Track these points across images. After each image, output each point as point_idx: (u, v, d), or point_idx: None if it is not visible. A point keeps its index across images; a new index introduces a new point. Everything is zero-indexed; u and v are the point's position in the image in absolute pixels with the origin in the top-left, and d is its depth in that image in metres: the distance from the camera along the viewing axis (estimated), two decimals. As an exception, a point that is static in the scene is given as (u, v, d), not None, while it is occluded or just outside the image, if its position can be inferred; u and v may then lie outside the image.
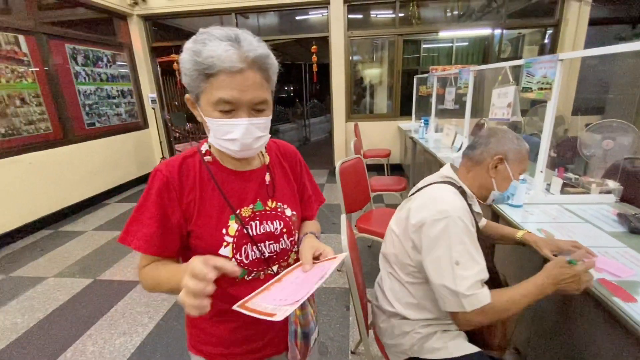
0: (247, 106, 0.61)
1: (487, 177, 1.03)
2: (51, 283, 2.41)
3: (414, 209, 0.96)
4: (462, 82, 2.66)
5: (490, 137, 1.02)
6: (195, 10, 4.77)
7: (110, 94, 4.55)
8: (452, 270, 0.84)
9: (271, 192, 0.77)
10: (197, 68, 0.59)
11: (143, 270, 0.68)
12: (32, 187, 3.31)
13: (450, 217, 0.86)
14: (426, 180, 1.11)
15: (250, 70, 0.59)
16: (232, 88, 0.59)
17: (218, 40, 0.58)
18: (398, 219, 1.06)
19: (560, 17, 4.32)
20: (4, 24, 3.15)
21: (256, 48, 0.60)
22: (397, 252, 1.02)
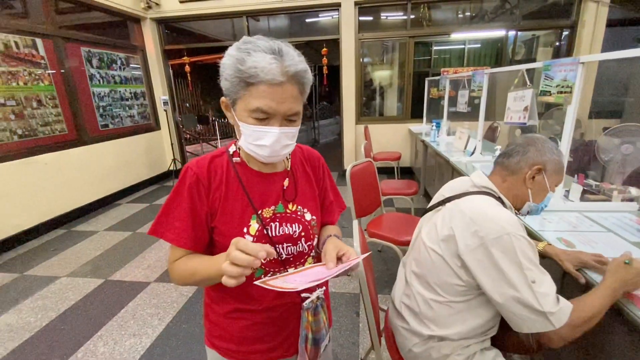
0: (281, 116, 0.64)
1: (523, 188, 0.98)
2: (64, 282, 2.44)
3: (460, 226, 0.88)
4: (476, 84, 2.61)
5: (528, 146, 0.97)
6: (207, 13, 4.82)
7: (124, 96, 4.62)
8: (531, 290, 0.77)
9: (292, 195, 0.79)
10: (238, 75, 0.61)
11: (175, 264, 0.71)
12: (47, 187, 3.38)
13: (511, 234, 0.80)
14: (454, 189, 1.04)
15: (289, 84, 0.62)
16: (271, 99, 0.62)
17: (262, 52, 0.61)
18: (432, 234, 0.98)
19: (576, 19, 4.22)
20: (23, 28, 3.23)
21: (297, 63, 0.63)
22: (439, 272, 0.94)
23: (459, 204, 0.95)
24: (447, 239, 0.91)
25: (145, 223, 3.54)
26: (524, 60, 5.38)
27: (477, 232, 0.84)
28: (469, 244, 0.85)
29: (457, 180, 1.11)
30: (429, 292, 0.98)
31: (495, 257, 0.81)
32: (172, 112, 5.36)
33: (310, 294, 0.78)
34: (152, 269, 2.58)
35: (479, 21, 4.96)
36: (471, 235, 0.85)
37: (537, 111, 1.87)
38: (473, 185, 1.01)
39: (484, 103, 2.54)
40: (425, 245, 0.99)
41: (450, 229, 0.91)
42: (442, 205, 1.02)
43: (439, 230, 0.95)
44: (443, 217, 0.96)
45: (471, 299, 0.92)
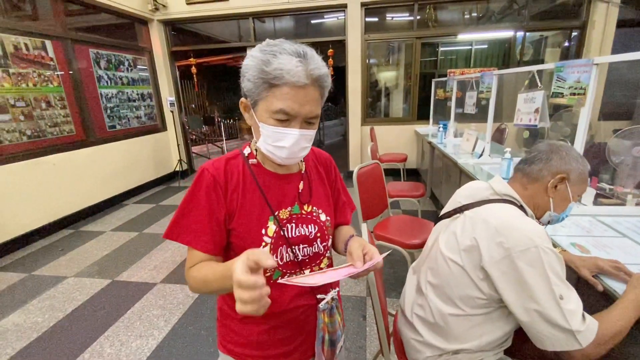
0: (301, 118, 0.65)
1: (544, 197, 0.94)
2: (71, 283, 2.46)
3: (484, 237, 0.84)
4: (485, 86, 2.58)
5: (552, 153, 0.93)
6: (213, 15, 4.84)
7: (131, 97, 4.65)
8: (559, 307, 0.74)
9: (307, 197, 0.79)
10: (262, 76, 0.62)
11: (190, 271, 0.69)
12: (55, 188, 3.41)
13: (539, 247, 0.76)
14: (472, 195, 1.01)
15: (312, 87, 0.64)
16: (294, 101, 0.63)
17: (288, 54, 0.62)
18: (452, 244, 0.94)
19: (586, 19, 4.17)
20: (33, 30, 3.27)
21: (321, 67, 0.64)
22: (459, 283, 0.90)
23: (480, 213, 0.91)
24: (469, 249, 0.88)
25: (152, 223, 3.55)
26: (531, 61, 5.33)
27: (503, 244, 0.80)
28: (494, 255, 0.81)
29: (473, 186, 1.07)
30: (447, 305, 0.95)
31: (521, 270, 0.77)
32: (178, 113, 5.39)
33: (325, 295, 0.77)
34: (158, 270, 2.59)
35: (486, 22, 4.92)
36: (496, 246, 0.81)
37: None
38: (494, 193, 0.97)
39: (493, 105, 2.50)
40: (444, 255, 0.95)
41: (472, 239, 0.87)
42: (459, 213, 0.99)
43: (459, 239, 0.91)
44: (463, 226, 0.93)
45: (491, 312, 0.88)
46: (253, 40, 5.02)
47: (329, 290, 0.79)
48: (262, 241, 0.71)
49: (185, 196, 0.71)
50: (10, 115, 3.03)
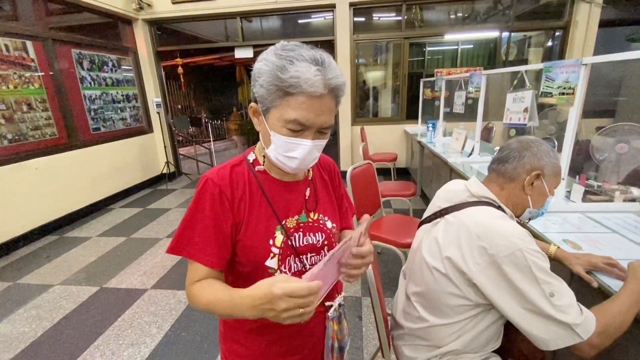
0: (315, 129, 0.63)
1: (522, 195, 0.95)
2: (57, 291, 2.38)
3: (466, 243, 0.83)
4: (474, 85, 2.61)
5: (523, 150, 0.93)
6: (200, 14, 4.77)
7: (116, 99, 4.54)
8: (551, 304, 0.74)
9: (314, 204, 0.77)
10: (277, 84, 0.58)
11: (193, 288, 0.65)
12: (38, 193, 3.29)
13: (522, 249, 0.76)
14: (450, 198, 1.00)
15: (328, 97, 0.61)
16: (310, 111, 0.60)
17: (306, 62, 0.58)
18: (434, 251, 0.92)
19: (569, 19, 4.28)
20: (13, 30, 3.14)
21: (339, 76, 0.61)
22: (443, 291, 0.89)
23: (460, 218, 0.90)
24: (452, 256, 0.87)
25: (140, 228, 3.47)
26: (516, 61, 5.44)
27: (487, 250, 0.80)
28: (479, 262, 0.81)
29: (451, 188, 1.06)
30: (432, 315, 0.94)
31: (509, 275, 0.77)
32: (164, 114, 5.29)
33: (332, 302, 0.76)
34: (148, 276, 2.53)
35: (471, 22, 5.00)
36: (479, 253, 0.81)
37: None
38: (471, 195, 0.96)
39: (482, 104, 2.54)
40: (427, 263, 0.94)
41: (454, 245, 0.87)
42: (439, 217, 0.98)
43: (441, 246, 0.90)
44: (445, 232, 0.92)
45: (478, 314, 0.88)
46: (241, 40, 4.97)
47: (335, 296, 0.78)
48: (270, 252, 0.69)
49: (188, 208, 0.67)
50: (-11, 118, 2.92)
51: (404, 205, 3.83)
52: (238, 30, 4.92)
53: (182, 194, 4.67)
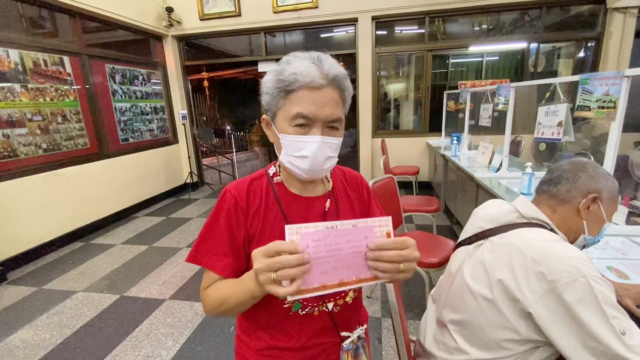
0: (322, 122, 0.61)
1: (577, 219, 0.86)
2: (80, 298, 2.43)
3: (520, 268, 0.74)
4: (502, 98, 2.51)
5: (578, 172, 0.86)
6: (225, 30, 4.92)
7: (144, 111, 4.72)
8: (624, 345, 0.64)
9: (334, 219, 0.72)
10: (278, 85, 0.61)
11: (205, 292, 0.68)
12: (68, 200, 3.43)
13: (587, 276, 0.67)
14: (495, 219, 0.91)
15: (329, 88, 0.61)
16: (311, 103, 0.60)
17: (301, 59, 0.61)
18: (480, 275, 0.84)
19: (602, 30, 4.09)
20: (52, 46, 3.35)
21: (335, 67, 0.62)
22: (489, 322, 0.80)
23: (510, 239, 0.82)
24: (502, 282, 0.77)
25: (161, 237, 3.53)
26: (544, 73, 5.24)
27: (545, 275, 0.70)
28: (536, 289, 0.71)
29: (495, 208, 0.97)
30: (472, 347, 0.85)
31: (571, 305, 0.67)
32: (189, 125, 5.45)
33: (351, 333, 0.71)
34: (167, 285, 2.54)
35: (496, 34, 4.87)
36: (537, 278, 0.71)
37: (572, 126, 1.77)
38: (521, 217, 0.88)
39: (510, 117, 2.44)
40: (471, 289, 0.85)
41: (506, 269, 0.78)
42: (483, 239, 0.90)
43: (489, 269, 0.82)
44: (492, 254, 0.84)
45: (526, 351, 0.78)
46: (264, 54, 5.07)
47: (356, 327, 0.73)
48: None
49: (207, 219, 0.69)
50: (27, 129, 3.09)
51: (427, 221, 3.70)
52: (262, 45, 5.04)
53: (203, 204, 4.74)
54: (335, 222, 0.50)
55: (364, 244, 0.52)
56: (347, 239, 0.51)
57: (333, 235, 0.51)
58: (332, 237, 0.50)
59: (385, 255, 0.52)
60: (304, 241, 0.49)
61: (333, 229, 0.50)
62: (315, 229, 0.50)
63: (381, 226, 0.53)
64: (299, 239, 0.49)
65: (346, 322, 0.75)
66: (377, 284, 2.32)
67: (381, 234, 0.53)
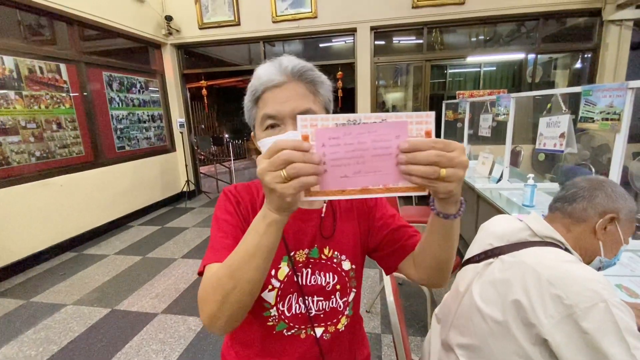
0: (290, 118, 0.58)
1: (592, 240, 0.82)
2: (69, 311, 2.34)
3: (535, 290, 0.70)
4: (502, 108, 2.50)
5: (595, 190, 0.82)
6: (225, 39, 4.93)
7: (141, 119, 4.68)
8: None
9: (330, 231, 0.68)
10: (250, 98, 0.63)
11: (206, 274, 0.54)
12: (61, 209, 3.36)
13: (608, 301, 0.62)
14: (505, 236, 0.86)
15: (292, 83, 0.60)
16: (275, 101, 0.59)
17: (263, 65, 0.63)
18: (490, 296, 0.78)
19: (598, 42, 4.12)
20: (48, 54, 3.33)
21: (294, 60, 0.61)
22: (500, 347, 0.75)
23: (523, 258, 0.77)
24: (515, 304, 0.72)
25: (156, 247, 3.46)
26: (542, 83, 5.26)
27: (562, 299, 0.65)
28: (552, 314, 0.66)
29: (504, 225, 0.92)
30: None
31: (590, 333, 0.62)
32: (187, 134, 5.41)
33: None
34: (160, 299, 2.47)
35: (493, 44, 4.91)
36: (553, 302, 0.67)
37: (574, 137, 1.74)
38: (533, 234, 0.84)
39: (511, 127, 2.42)
40: (481, 311, 0.80)
41: (521, 290, 0.73)
42: (492, 258, 0.85)
43: (500, 291, 0.77)
44: (503, 274, 0.79)
45: None
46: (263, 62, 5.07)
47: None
48: (269, 283, 0.63)
49: (211, 228, 0.65)
50: (21, 136, 3.04)
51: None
52: (261, 53, 5.05)
53: (200, 213, 4.68)
54: (358, 115, 0.42)
55: (394, 145, 0.42)
56: (373, 137, 0.42)
57: (355, 132, 0.42)
58: (354, 135, 0.42)
59: (421, 156, 0.40)
60: (319, 138, 0.42)
61: (356, 124, 0.42)
62: (334, 122, 0.42)
63: (420, 123, 0.42)
64: (313, 135, 0.42)
65: (337, 356, 0.69)
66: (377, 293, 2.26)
67: (418, 133, 0.42)
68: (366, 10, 4.45)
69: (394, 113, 0.43)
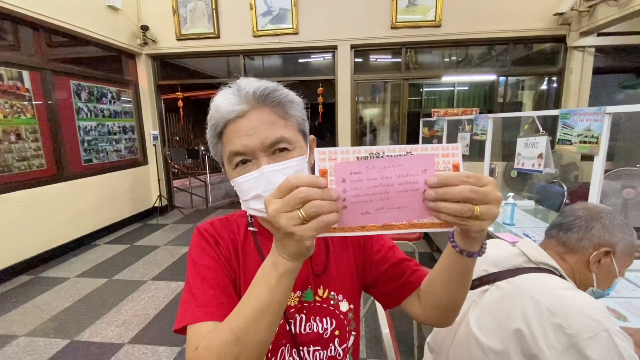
0: (262, 151, 0.52)
1: (585, 271, 0.81)
2: (21, 344, 2.09)
3: (536, 319, 0.68)
4: (480, 128, 2.57)
5: (592, 221, 0.81)
6: (203, 51, 4.84)
7: (112, 130, 4.45)
8: None
9: (322, 266, 0.61)
10: (212, 133, 0.56)
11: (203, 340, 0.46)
12: (17, 228, 3.07)
13: (610, 330, 0.62)
14: (499, 262, 0.85)
15: (256, 110, 0.53)
16: (240, 135, 0.52)
17: (221, 93, 0.55)
18: (488, 325, 0.76)
19: (563, 66, 4.40)
20: (8, 59, 3.09)
21: (256, 83, 0.54)
22: None
23: (518, 285, 0.76)
24: (515, 334, 0.71)
25: (124, 268, 3.22)
26: (510, 103, 5.54)
27: (563, 329, 0.65)
28: (554, 345, 0.65)
29: (499, 250, 0.91)
30: None
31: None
32: (161, 146, 5.20)
33: None
34: (127, 327, 2.26)
35: (465, 66, 5.13)
36: (554, 332, 0.66)
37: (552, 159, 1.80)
38: (528, 261, 0.82)
39: (489, 146, 2.48)
40: (477, 340, 0.77)
41: (519, 320, 0.71)
42: (488, 284, 0.83)
43: (499, 320, 0.75)
44: (500, 303, 0.76)
45: None
46: (243, 76, 5.01)
47: None
48: None
49: (187, 272, 0.56)
50: (-27, 148, 2.77)
51: (408, 248, 3.64)
52: (240, 67, 4.99)
53: (172, 230, 4.44)
54: (381, 147, 0.39)
55: (421, 180, 0.39)
56: (398, 171, 0.39)
57: (379, 167, 0.39)
58: (377, 169, 0.39)
59: (454, 192, 0.36)
60: (339, 173, 0.39)
61: (379, 158, 0.39)
62: (355, 156, 0.39)
63: (446, 155, 0.40)
64: (332, 169, 0.39)
65: None
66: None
67: (446, 167, 0.40)
68: (347, 28, 4.53)
69: (419, 145, 0.40)
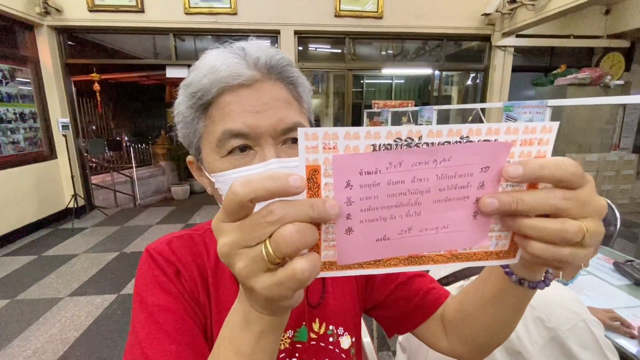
0: (271, 137, 0.39)
1: None
2: None
3: None
4: (425, 119, 2.65)
5: None
6: (124, 27, 4.21)
7: (5, 117, 3.63)
8: None
9: (318, 299, 0.49)
10: (190, 104, 0.40)
11: None
12: None
13: (587, 320, 0.65)
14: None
15: (269, 81, 0.40)
16: (243, 110, 0.38)
17: (216, 53, 0.41)
18: None
19: (488, 63, 4.83)
20: None
21: (267, 50, 0.41)
22: None
23: None
24: None
25: (32, 284, 2.67)
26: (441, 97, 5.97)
27: (544, 322, 0.66)
28: (536, 340, 0.66)
29: None
30: None
31: (576, 354, 0.64)
32: (74, 137, 4.44)
33: None
34: (39, 356, 1.86)
35: (401, 59, 5.33)
36: (535, 326, 0.67)
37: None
38: None
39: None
40: None
41: None
42: (463, 280, 0.80)
43: None
44: None
45: None
46: (174, 58, 4.50)
47: None
48: None
49: (132, 312, 0.41)
50: None
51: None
52: (171, 48, 4.46)
53: (93, 234, 3.85)
54: (418, 128, 0.22)
55: (476, 183, 0.24)
56: (442, 170, 0.23)
57: (410, 161, 0.23)
58: (405, 167, 0.23)
59: (537, 198, 0.23)
60: (341, 172, 0.22)
61: (411, 147, 0.22)
62: (370, 143, 0.22)
63: (528, 143, 0.24)
64: (329, 165, 0.22)
65: None
66: None
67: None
68: (289, 12, 4.33)
69: (483, 124, 0.23)
